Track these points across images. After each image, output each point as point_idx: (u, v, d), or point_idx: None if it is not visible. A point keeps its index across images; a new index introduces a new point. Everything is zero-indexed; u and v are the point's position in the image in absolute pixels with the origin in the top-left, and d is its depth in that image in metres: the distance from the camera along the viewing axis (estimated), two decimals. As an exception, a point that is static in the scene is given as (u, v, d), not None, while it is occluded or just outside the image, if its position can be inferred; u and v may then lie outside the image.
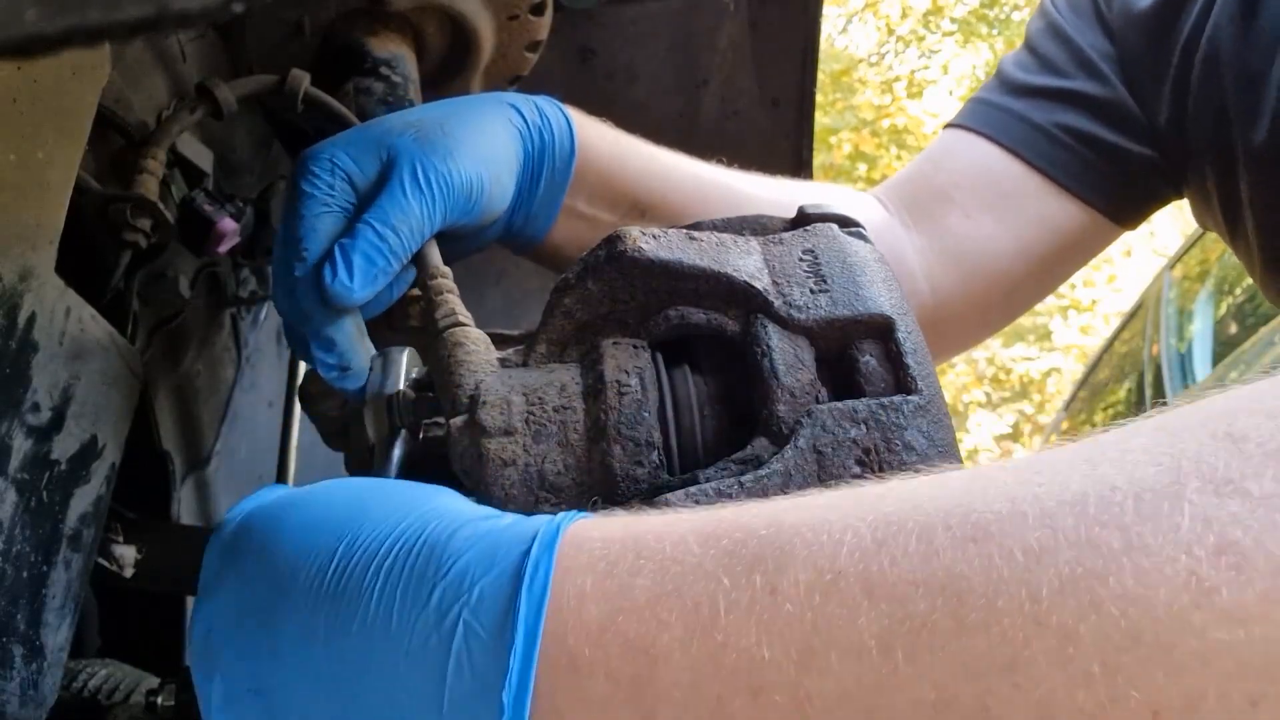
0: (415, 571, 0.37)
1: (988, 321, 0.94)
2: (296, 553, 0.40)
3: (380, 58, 0.86)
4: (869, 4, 9.85)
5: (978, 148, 0.89)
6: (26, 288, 0.61)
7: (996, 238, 0.87)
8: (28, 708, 0.63)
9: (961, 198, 0.87)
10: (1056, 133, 0.86)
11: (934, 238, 0.87)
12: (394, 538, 0.38)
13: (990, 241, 0.87)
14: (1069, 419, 5.06)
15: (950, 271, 0.87)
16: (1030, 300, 0.95)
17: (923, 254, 0.87)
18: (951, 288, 0.87)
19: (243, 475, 1.10)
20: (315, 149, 0.62)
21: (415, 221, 0.59)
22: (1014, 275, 0.88)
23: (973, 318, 0.91)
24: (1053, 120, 0.86)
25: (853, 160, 8.55)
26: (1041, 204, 0.86)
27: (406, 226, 0.58)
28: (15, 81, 0.58)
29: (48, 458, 0.64)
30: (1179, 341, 3.55)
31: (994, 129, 0.88)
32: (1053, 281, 0.94)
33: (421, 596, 0.36)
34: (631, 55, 1.23)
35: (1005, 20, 9.38)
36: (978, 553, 0.32)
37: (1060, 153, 0.86)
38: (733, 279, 0.51)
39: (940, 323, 0.85)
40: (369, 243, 0.57)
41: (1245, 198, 0.79)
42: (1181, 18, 0.83)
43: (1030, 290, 0.93)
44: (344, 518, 0.40)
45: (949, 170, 0.90)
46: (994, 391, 10.41)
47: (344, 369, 0.59)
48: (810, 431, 0.46)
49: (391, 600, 0.37)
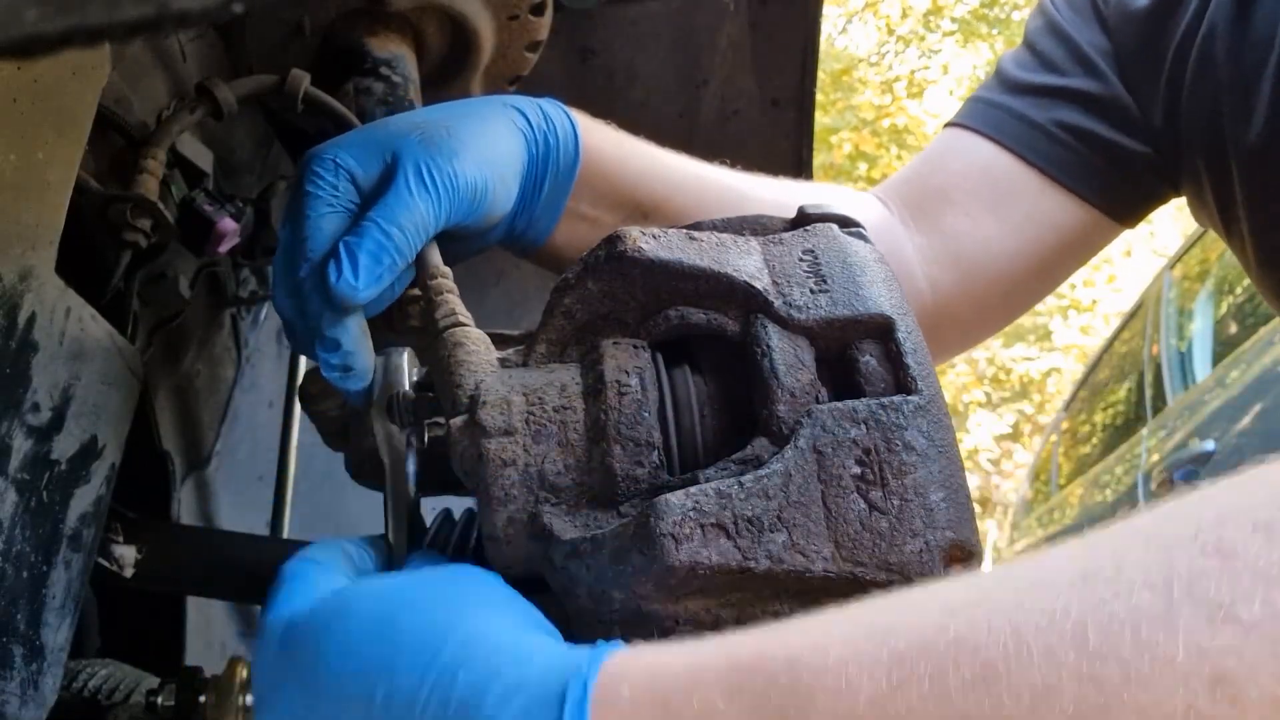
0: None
1: (988, 321, 0.94)
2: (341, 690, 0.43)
3: (380, 58, 0.86)
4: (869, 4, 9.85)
5: (977, 147, 0.89)
6: (27, 288, 0.61)
7: (996, 236, 0.86)
8: (28, 707, 0.63)
9: (961, 197, 0.87)
10: (1055, 130, 0.86)
11: (934, 237, 0.87)
12: (425, 698, 0.40)
13: (990, 240, 0.86)
14: (1069, 419, 5.06)
15: (950, 270, 0.87)
16: (1030, 299, 0.95)
17: (922, 253, 0.87)
18: (951, 287, 0.86)
19: (243, 475, 1.10)
20: (319, 149, 0.62)
21: (420, 220, 0.59)
22: (1014, 274, 0.88)
23: (973, 317, 0.90)
24: (1051, 118, 0.86)
25: (852, 160, 8.55)
26: (1041, 202, 0.86)
27: (411, 225, 0.58)
28: (15, 81, 0.59)
29: (48, 458, 0.64)
30: (1179, 341, 3.55)
31: (993, 127, 0.88)
32: (1053, 280, 0.94)
33: None
34: (631, 55, 1.23)
35: (1005, 20, 9.38)
36: (987, 693, 0.33)
37: (1059, 150, 0.86)
38: (733, 279, 0.51)
39: (940, 322, 0.85)
40: (374, 241, 0.57)
41: (1239, 195, 0.79)
42: (1177, 16, 0.83)
43: (1030, 289, 0.93)
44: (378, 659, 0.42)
45: (948, 169, 0.90)
46: (994, 391, 10.41)
47: (347, 369, 0.58)
48: (810, 431, 0.46)
49: None
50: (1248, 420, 2.58)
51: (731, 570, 0.44)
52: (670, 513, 0.44)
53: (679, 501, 0.44)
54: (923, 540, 0.45)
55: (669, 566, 0.43)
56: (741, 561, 0.44)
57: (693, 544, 0.43)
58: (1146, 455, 3.29)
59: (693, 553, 0.43)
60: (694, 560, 0.43)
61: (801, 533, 0.44)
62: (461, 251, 0.67)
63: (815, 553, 0.44)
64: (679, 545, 0.43)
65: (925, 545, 0.45)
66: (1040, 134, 0.86)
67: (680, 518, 0.44)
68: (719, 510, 0.44)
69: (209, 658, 0.97)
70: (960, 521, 0.45)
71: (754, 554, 0.44)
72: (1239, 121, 0.77)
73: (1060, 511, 4.52)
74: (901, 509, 0.45)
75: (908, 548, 0.44)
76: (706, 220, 0.59)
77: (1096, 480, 3.97)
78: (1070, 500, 4.38)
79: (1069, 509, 4.36)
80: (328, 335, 0.58)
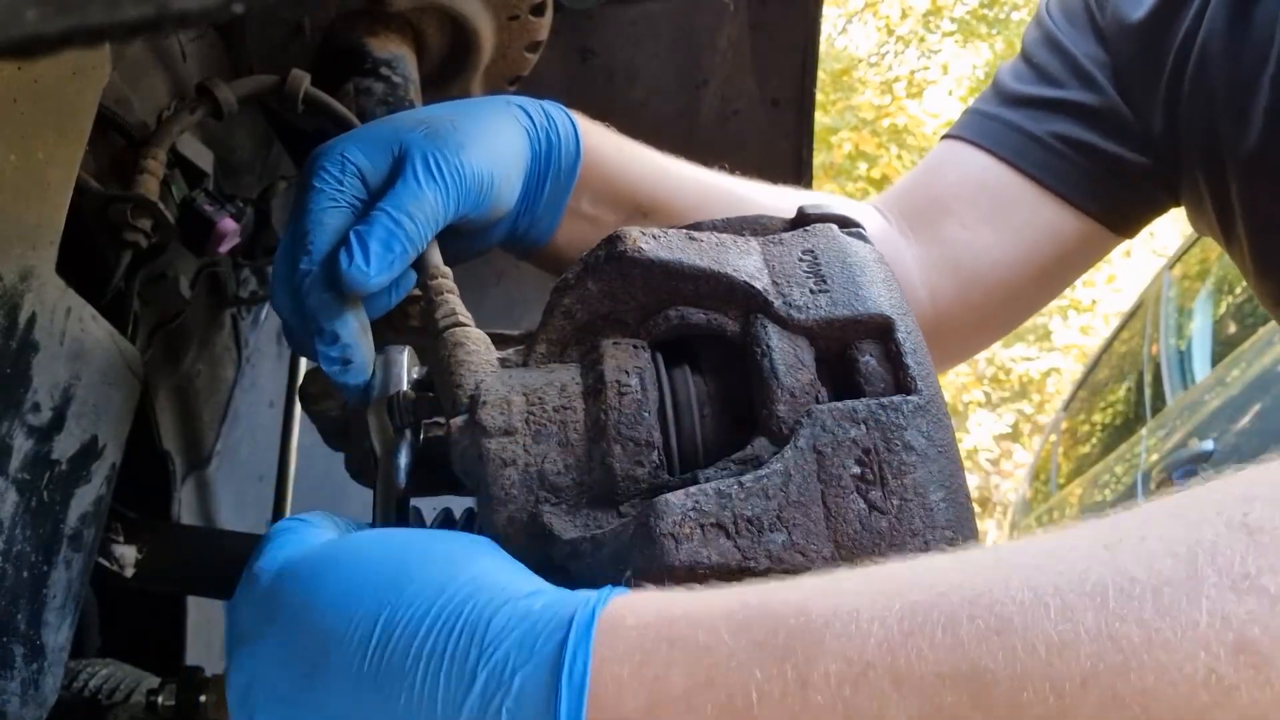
0: (457, 657, 0.38)
1: (987, 330, 0.95)
2: (339, 618, 0.41)
3: (380, 58, 0.86)
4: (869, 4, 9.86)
5: (974, 159, 0.89)
6: (27, 288, 0.61)
7: (994, 247, 0.87)
8: (29, 707, 0.63)
9: (959, 208, 0.88)
10: (1052, 142, 0.86)
11: (932, 247, 0.87)
12: (435, 615, 0.39)
13: (988, 251, 0.87)
14: (1068, 419, 5.06)
15: (949, 281, 0.87)
16: (1029, 309, 0.96)
17: (921, 263, 0.87)
18: (950, 297, 0.87)
19: (243, 475, 1.10)
20: (326, 146, 0.62)
21: (429, 209, 0.59)
22: (1012, 284, 0.88)
23: (972, 327, 0.91)
24: (1048, 130, 0.87)
25: (852, 160, 8.55)
26: (1038, 213, 0.87)
27: (421, 214, 0.59)
28: (16, 82, 0.59)
29: (48, 458, 0.64)
30: (1178, 341, 3.55)
31: (990, 140, 0.89)
32: (1051, 290, 0.94)
33: (463, 684, 0.37)
34: (631, 55, 1.23)
35: (1005, 20, 9.38)
36: (1001, 645, 0.33)
37: (1056, 162, 0.86)
38: (732, 279, 0.51)
39: (940, 332, 0.86)
40: (385, 229, 0.57)
41: (1237, 204, 0.80)
42: (1173, 27, 0.83)
43: (1029, 299, 0.93)
44: (385, 583, 0.41)
45: (946, 181, 0.90)
46: (994, 391, 10.41)
47: (346, 362, 0.59)
48: (810, 431, 0.46)
49: (435, 686, 0.38)
50: (1247, 420, 2.58)
51: (731, 570, 0.44)
52: (670, 513, 0.44)
53: (679, 501, 0.44)
54: (922, 540, 0.45)
55: (669, 566, 0.43)
56: (741, 561, 0.44)
57: (693, 544, 0.44)
58: (1146, 455, 3.29)
59: (693, 552, 0.43)
60: (694, 560, 0.43)
61: (801, 532, 0.44)
62: (465, 249, 0.68)
63: (815, 552, 0.44)
64: (679, 545, 0.43)
65: (925, 545, 0.45)
66: (1037, 145, 0.87)
67: (680, 518, 0.44)
68: (719, 510, 0.44)
69: (209, 657, 0.97)
70: (960, 521, 0.45)
71: (754, 554, 0.44)
72: (1236, 130, 0.77)
73: (1060, 511, 4.52)
74: (901, 509, 0.45)
75: (907, 547, 0.44)
76: (706, 220, 0.59)
77: (1096, 480, 3.97)
78: (1070, 500, 4.38)
79: (1068, 509, 4.36)
80: (326, 328, 0.58)
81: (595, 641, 0.37)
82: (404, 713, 0.38)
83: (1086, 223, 0.87)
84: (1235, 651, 0.30)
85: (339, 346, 0.58)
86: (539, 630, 0.38)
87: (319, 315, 0.58)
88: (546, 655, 0.37)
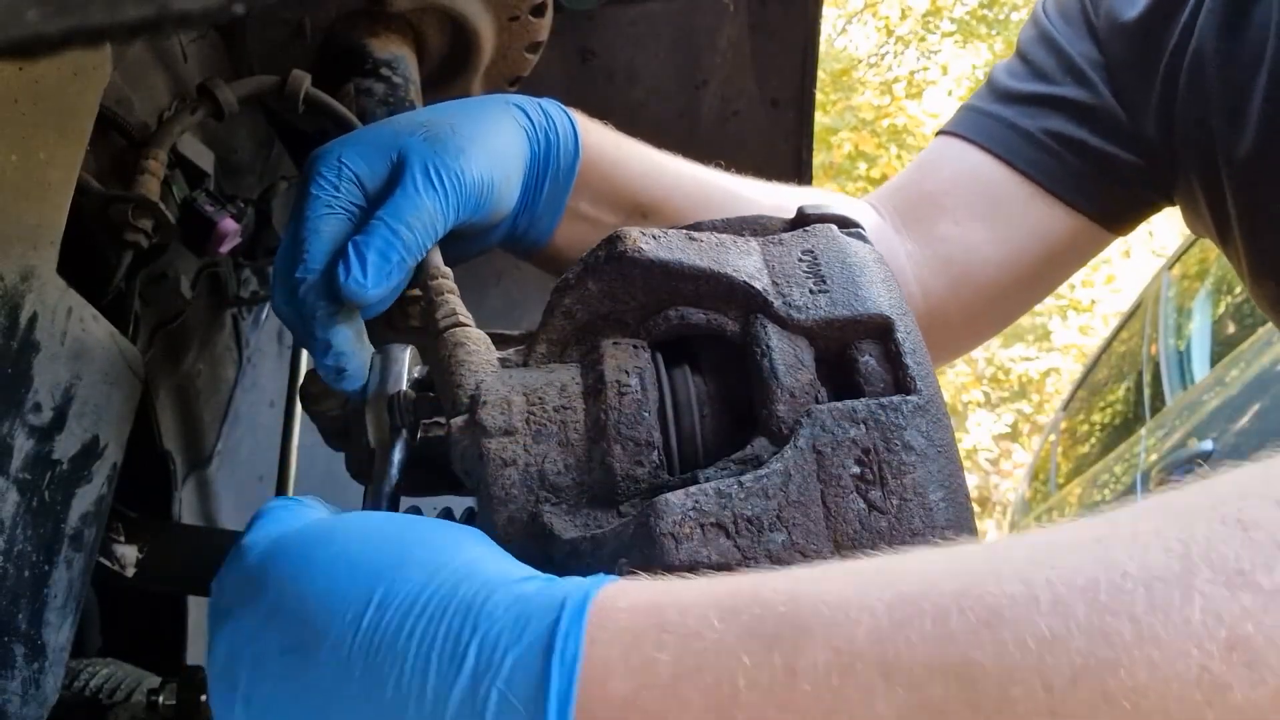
0: (450, 637, 0.38)
1: (980, 327, 0.95)
2: (331, 594, 0.40)
3: (381, 59, 0.86)
4: (869, 4, 9.86)
5: (968, 155, 0.89)
6: (28, 288, 0.61)
7: (987, 244, 0.87)
8: (30, 707, 0.63)
9: (952, 204, 0.88)
10: (1044, 139, 0.86)
11: (925, 243, 0.87)
12: (429, 595, 0.39)
13: (981, 247, 0.87)
14: (1068, 419, 5.06)
15: (942, 277, 0.87)
16: (1022, 306, 0.95)
17: (915, 259, 0.87)
18: (943, 293, 0.87)
19: (244, 475, 1.10)
20: (323, 150, 0.62)
21: (429, 219, 0.59)
22: (1004, 281, 0.88)
23: (965, 323, 0.91)
24: (1040, 126, 0.87)
25: (852, 160, 8.55)
26: (1031, 210, 0.87)
27: (420, 224, 0.58)
28: (16, 82, 0.59)
29: (49, 457, 0.64)
30: (1177, 341, 3.55)
31: (983, 136, 0.89)
32: (1044, 288, 0.94)
33: (455, 664, 0.37)
34: (631, 55, 1.23)
35: (1004, 21, 9.39)
36: (991, 638, 0.32)
37: (1047, 159, 0.86)
38: (732, 279, 0.51)
39: (933, 328, 0.85)
40: (383, 239, 0.57)
41: (1232, 206, 0.80)
42: (1168, 28, 0.83)
43: (1022, 296, 0.93)
44: (380, 563, 0.41)
45: (940, 177, 0.90)
46: (993, 391, 10.41)
47: (340, 371, 0.59)
48: (810, 431, 0.46)
49: (426, 665, 0.37)
50: (1246, 420, 2.58)
51: (731, 570, 0.44)
52: (670, 512, 0.44)
53: (679, 501, 0.44)
54: (922, 540, 0.45)
55: (669, 566, 0.43)
56: (741, 561, 0.44)
57: (692, 543, 0.44)
58: (1145, 455, 3.29)
59: (692, 552, 0.43)
60: (694, 560, 0.43)
61: (801, 532, 0.44)
62: (465, 250, 0.68)
63: (815, 552, 0.44)
64: (679, 545, 0.43)
65: (924, 544, 0.45)
66: (1029, 142, 0.87)
67: (680, 517, 0.44)
68: (719, 510, 0.44)
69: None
70: (959, 521, 0.46)
71: (754, 553, 0.44)
72: (1231, 133, 0.77)
73: (1059, 511, 4.52)
74: (901, 508, 0.45)
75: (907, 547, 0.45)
76: (706, 221, 0.59)
77: (1095, 480, 3.97)
78: (1069, 500, 4.39)
79: (1068, 509, 4.36)
80: (320, 337, 0.58)
81: (586, 623, 0.37)
82: (394, 690, 0.38)
83: (1078, 220, 0.87)
84: (1228, 649, 0.30)
85: (333, 355, 0.58)
86: (531, 612, 0.38)
87: (314, 325, 0.58)
88: (538, 636, 0.37)
